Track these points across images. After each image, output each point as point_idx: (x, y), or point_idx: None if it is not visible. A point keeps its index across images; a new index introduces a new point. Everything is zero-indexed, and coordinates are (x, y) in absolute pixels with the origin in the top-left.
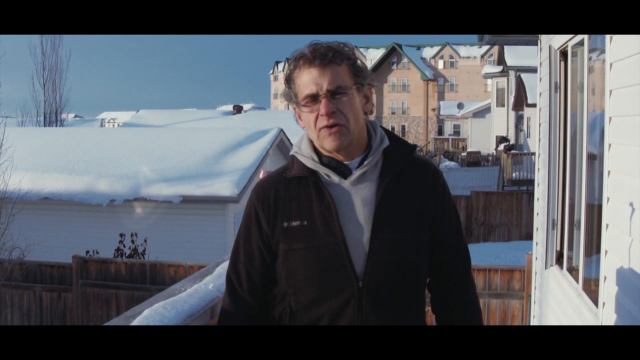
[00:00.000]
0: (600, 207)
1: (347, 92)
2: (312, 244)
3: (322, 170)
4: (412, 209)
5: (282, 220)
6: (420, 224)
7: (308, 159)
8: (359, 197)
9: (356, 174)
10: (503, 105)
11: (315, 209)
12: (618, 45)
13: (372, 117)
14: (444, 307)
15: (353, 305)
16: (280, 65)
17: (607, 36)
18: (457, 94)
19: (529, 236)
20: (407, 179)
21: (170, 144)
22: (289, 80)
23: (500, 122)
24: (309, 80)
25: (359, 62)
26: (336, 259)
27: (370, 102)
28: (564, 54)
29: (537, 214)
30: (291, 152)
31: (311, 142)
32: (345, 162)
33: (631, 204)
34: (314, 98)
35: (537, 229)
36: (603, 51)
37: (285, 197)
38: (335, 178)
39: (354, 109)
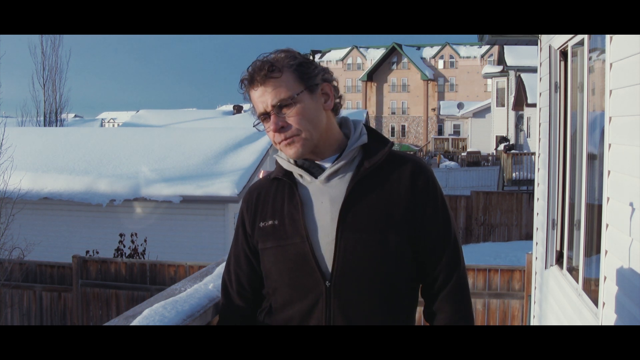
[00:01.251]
0: (600, 207)
1: (293, 101)
2: (281, 242)
3: (296, 171)
4: (382, 207)
5: (259, 220)
6: (391, 224)
7: (285, 161)
8: (327, 196)
9: (326, 173)
10: (503, 105)
11: (285, 208)
12: (618, 45)
13: (372, 115)
14: (429, 314)
15: (321, 305)
16: None
17: (607, 36)
18: (457, 94)
19: (529, 236)
20: (382, 176)
21: (170, 144)
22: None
23: (500, 122)
24: (255, 99)
25: (304, 63)
26: (302, 258)
27: (332, 99)
28: (564, 54)
29: (537, 214)
30: (274, 155)
31: None
32: (318, 162)
33: (631, 204)
34: (265, 116)
35: (537, 229)
36: (603, 51)
37: (264, 199)
38: (307, 178)
39: (306, 116)
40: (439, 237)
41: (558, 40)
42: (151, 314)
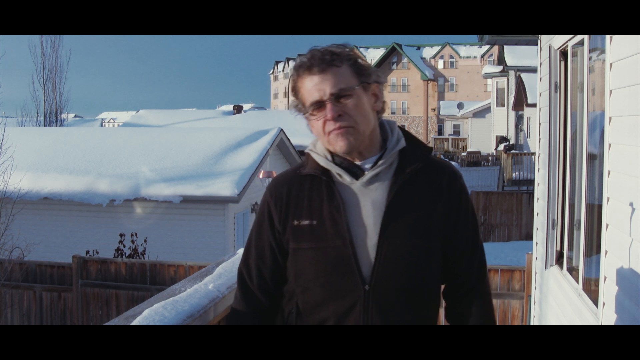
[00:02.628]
0: (600, 207)
1: (352, 93)
2: (320, 244)
3: (335, 170)
4: (423, 214)
5: (292, 218)
6: (431, 230)
7: (322, 157)
8: (369, 199)
9: (368, 175)
10: (503, 105)
11: (325, 208)
12: (618, 45)
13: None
14: (456, 315)
15: (359, 308)
16: (280, 65)
17: (607, 36)
18: (457, 93)
19: (529, 236)
20: (421, 182)
21: (170, 144)
22: (294, 90)
23: (500, 122)
24: (311, 87)
25: (360, 60)
26: (343, 261)
27: (380, 100)
28: (564, 54)
29: (537, 214)
30: (306, 150)
31: None
32: (357, 163)
33: (631, 204)
34: (319, 104)
35: (537, 229)
36: (603, 51)
37: (297, 195)
38: (346, 178)
39: (361, 109)
40: (469, 243)
41: (558, 40)
42: (151, 314)
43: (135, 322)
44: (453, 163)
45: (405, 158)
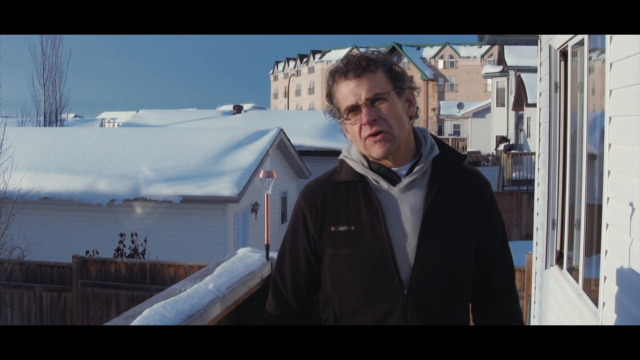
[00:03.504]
0: (600, 207)
1: (387, 97)
2: (359, 249)
3: (371, 176)
4: (460, 219)
5: (329, 224)
6: (468, 235)
7: (357, 164)
8: (407, 205)
9: (405, 181)
10: (503, 105)
11: (363, 214)
12: (618, 45)
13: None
14: (488, 318)
15: (398, 312)
16: (280, 65)
17: (607, 36)
18: (457, 94)
19: (529, 236)
20: (455, 188)
21: (170, 144)
22: (330, 95)
23: (500, 122)
24: (347, 92)
25: (395, 67)
26: (383, 266)
27: (414, 106)
28: (564, 54)
29: (537, 214)
30: (340, 156)
31: None
32: (393, 169)
33: (631, 204)
34: (354, 109)
35: (537, 229)
36: (603, 51)
37: (333, 201)
38: (384, 184)
39: (396, 115)
40: (500, 247)
41: (558, 40)
42: (151, 314)
43: (135, 322)
44: None
45: (439, 165)
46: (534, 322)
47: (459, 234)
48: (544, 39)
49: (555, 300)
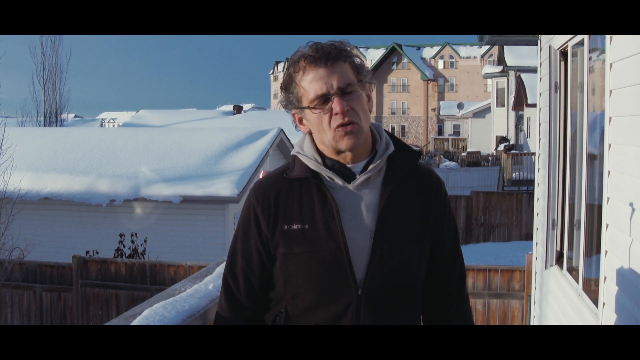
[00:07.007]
0: (600, 207)
1: (357, 89)
2: (313, 248)
3: (325, 173)
4: (414, 218)
5: (282, 222)
6: (423, 233)
7: (311, 160)
8: (362, 203)
9: (361, 178)
10: (503, 105)
11: (317, 212)
12: (618, 45)
13: (372, 115)
14: (438, 319)
15: (351, 312)
16: (280, 65)
17: (607, 36)
18: (457, 94)
19: (529, 236)
20: (410, 186)
21: (170, 144)
22: (288, 84)
23: (500, 122)
24: (316, 80)
25: (357, 59)
26: (337, 265)
27: (371, 101)
28: (564, 54)
29: (537, 214)
30: (292, 152)
31: (314, 143)
32: (348, 166)
33: (631, 204)
34: (324, 98)
35: (537, 229)
36: (603, 51)
37: (286, 199)
38: (338, 181)
39: (363, 107)
40: (451, 247)
41: (558, 40)
42: (151, 314)
43: (135, 322)
44: (452, 163)
45: (394, 162)
46: (534, 322)
47: (414, 234)
48: (544, 39)
49: (555, 300)
